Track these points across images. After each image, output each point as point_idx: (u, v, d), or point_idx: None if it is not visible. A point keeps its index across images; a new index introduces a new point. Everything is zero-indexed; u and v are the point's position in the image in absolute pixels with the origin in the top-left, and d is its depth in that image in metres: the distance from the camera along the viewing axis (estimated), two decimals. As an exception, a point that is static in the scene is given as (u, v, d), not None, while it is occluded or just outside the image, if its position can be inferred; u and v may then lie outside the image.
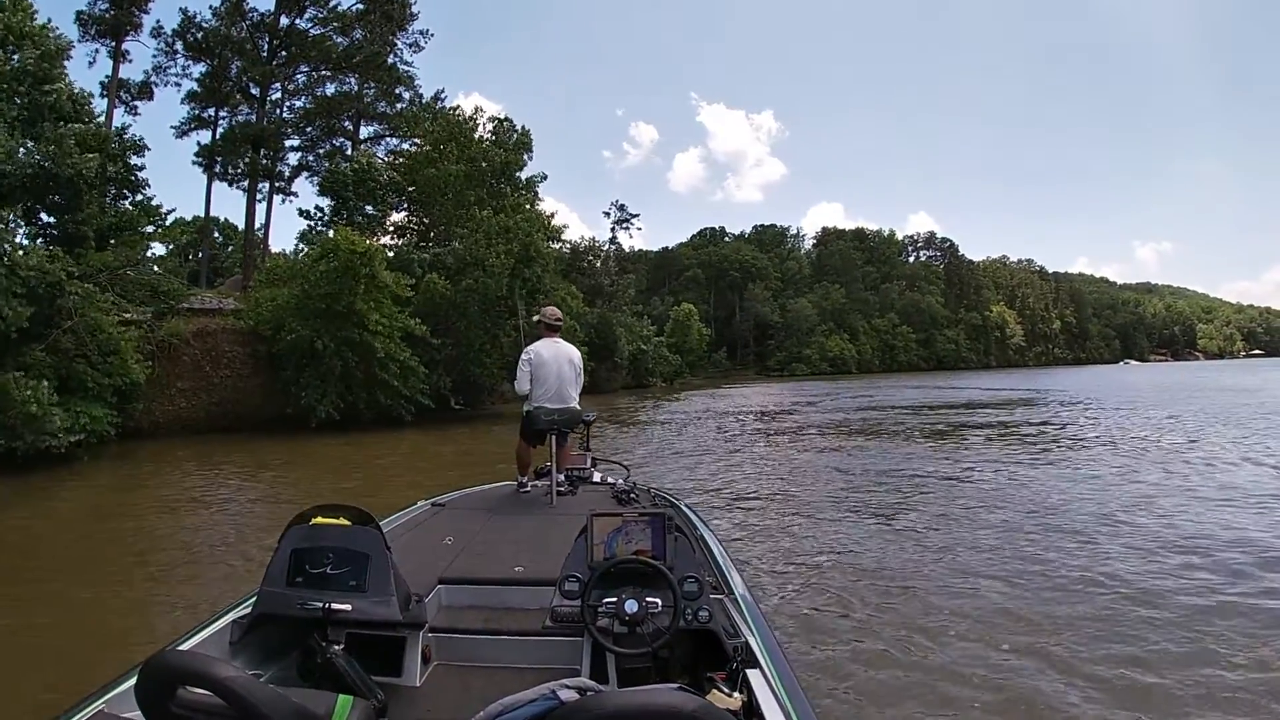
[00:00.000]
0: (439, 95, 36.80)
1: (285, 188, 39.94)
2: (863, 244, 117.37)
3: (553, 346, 5.81)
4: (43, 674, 4.64)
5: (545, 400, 5.64)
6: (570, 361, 5.82)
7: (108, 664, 3.09)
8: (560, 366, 5.74)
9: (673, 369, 64.88)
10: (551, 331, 5.90)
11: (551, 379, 5.69)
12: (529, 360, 5.70)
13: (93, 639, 5.33)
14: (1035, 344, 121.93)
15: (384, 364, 21.57)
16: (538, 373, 5.68)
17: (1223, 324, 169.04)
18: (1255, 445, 14.00)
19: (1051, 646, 4.69)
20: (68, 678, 4.34)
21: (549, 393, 5.67)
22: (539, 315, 6.05)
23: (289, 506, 9.89)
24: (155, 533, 9.02)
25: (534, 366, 5.68)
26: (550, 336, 5.88)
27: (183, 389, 21.31)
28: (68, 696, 1.99)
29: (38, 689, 4.35)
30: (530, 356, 5.71)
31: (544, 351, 5.74)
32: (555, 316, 6.00)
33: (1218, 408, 23.35)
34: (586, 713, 1.25)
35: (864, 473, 12.15)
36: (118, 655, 4.34)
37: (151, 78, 36.59)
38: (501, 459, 15.39)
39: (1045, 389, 39.22)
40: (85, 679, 2.53)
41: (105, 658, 4.59)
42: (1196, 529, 7.65)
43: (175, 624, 5.14)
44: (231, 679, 1.46)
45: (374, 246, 22.53)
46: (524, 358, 5.76)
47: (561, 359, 5.77)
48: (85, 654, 4.93)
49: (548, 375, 5.69)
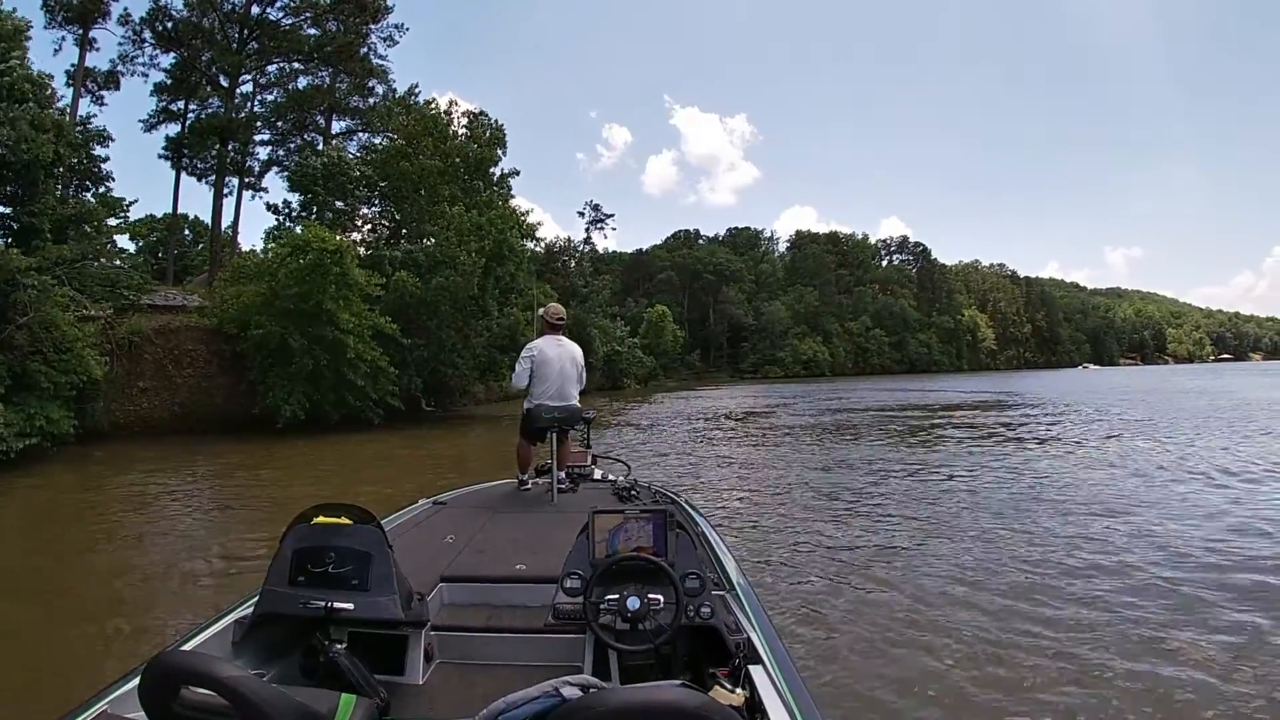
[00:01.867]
0: (413, 90, 36.12)
1: (255, 183, 39.10)
2: (836, 247, 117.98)
3: (556, 344, 5.79)
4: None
5: (546, 398, 5.62)
6: (573, 360, 5.81)
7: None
8: (563, 364, 5.73)
9: (647, 371, 64.72)
10: (554, 329, 5.90)
11: (553, 377, 5.68)
12: (530, 357, 5.70)
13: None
14: (1007, 347, 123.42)
15: (354, 364, 20.98)
16: (539, 370, 5.67)
17: (1192, 328, 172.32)
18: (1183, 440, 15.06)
19: (1016, 628, 5.00)
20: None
21: (550, 390, 5.65)
22: (541, 313, 6.07)
23: (245, 513, 9.69)
24: (98, 547, 8.55)
25: (536, 364, 5.67)
26: (553, 334, 5.87)
27: (144, 389, 20.71)
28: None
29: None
30: (533, 354, 5.71)
31: (547, 349, 5.73)
32: (558, 314, 6.01)
33: (1169, 408, 24.63)
34: (590, 710, 1.23)
35: (834, 468, 12.56)
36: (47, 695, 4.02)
37: (118, 66, 35.53)
38: (476, 462, 15.23)
39: (1011, 391, 40.45)
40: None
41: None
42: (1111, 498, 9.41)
43: (97, 662, 4.78)
44: (234, 678, 1.47)
45: (345, 243, 21.98)
46: (525, 354, 5.76)
47: (564, 357, 5.76)
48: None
49: (549, 373, 5.67)
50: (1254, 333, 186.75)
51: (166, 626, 5.30)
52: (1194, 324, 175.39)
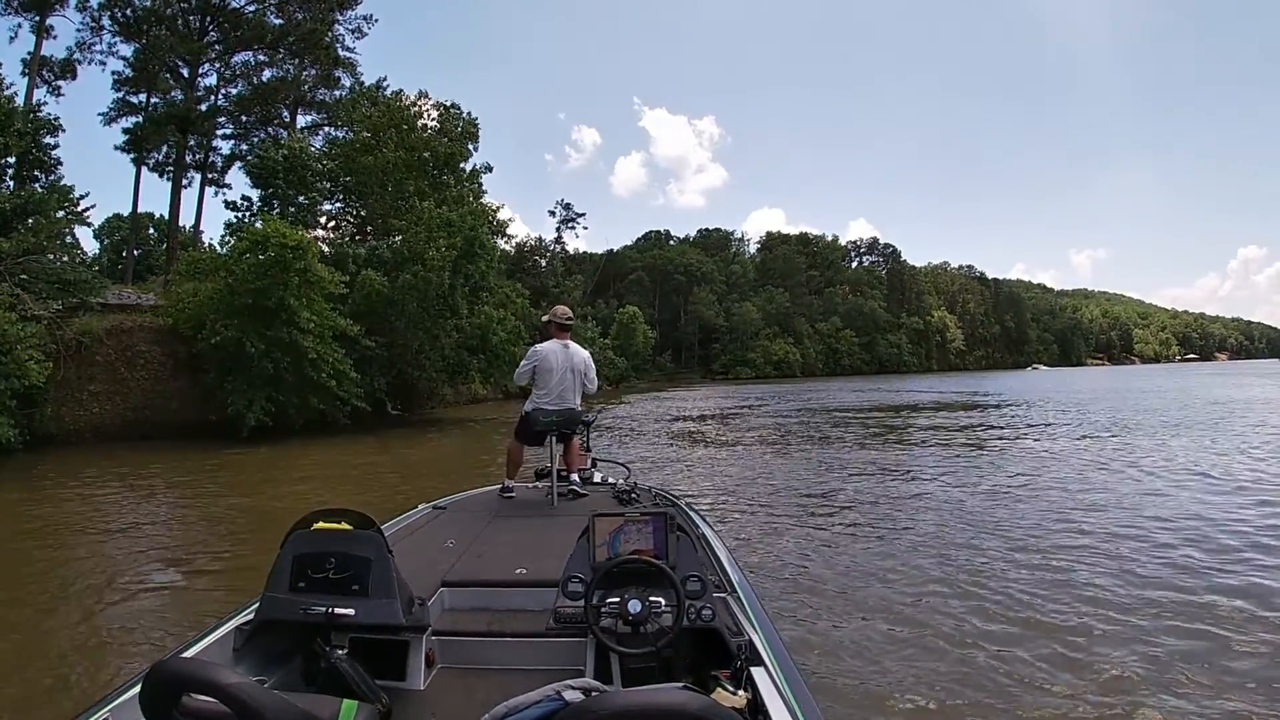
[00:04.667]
0: (381, 83, 35.21)
1: (219, 179, 38.09)
2: (806, 248, 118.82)
3: (563, 350, 5.66)
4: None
5: (545, 401, 5.56)
6: (575, 367, 5.68)
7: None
8: (565, 371, 5.63)
9: (618, 372, 64.14)
10: (562, 331, 5.75)
11: (554, 383, 5.59)
12: (534, 361, 5.62)
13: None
14: (976, 348, 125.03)
15: (316, 365, 19.98)
16: (540, 374, 5.60)
17: (1158, 329, 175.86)
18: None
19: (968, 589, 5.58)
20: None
21: (550, 395, 5.58)
22: (548, 315, 5.85)
23: (198, 533, 8.88)
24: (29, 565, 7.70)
25: (538, 369, 5.60)
26: (560, 336, 5.73)
27: (95, 392, 19.55)
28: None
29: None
30: (537, 358, 5.62)
31: (551, 354, 5.62)
32: (566, 315, 5.83)
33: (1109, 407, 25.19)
34: (592, 713, 1.21)
35: (804, 468, 12.70)
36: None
37: (75, 54, 34.32)
38: (447, 470, 14.50)
39: (976, 390, 41.38)
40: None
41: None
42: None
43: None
44: (235, 685, 1.45)
45: (307, 239, 20.97)
46: (530, 355, 5.69)
47: (569, 363, 5.65)
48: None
49: (550, 379, 5.59)
50: (1220, 333, 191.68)
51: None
52: (1160, 325, 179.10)
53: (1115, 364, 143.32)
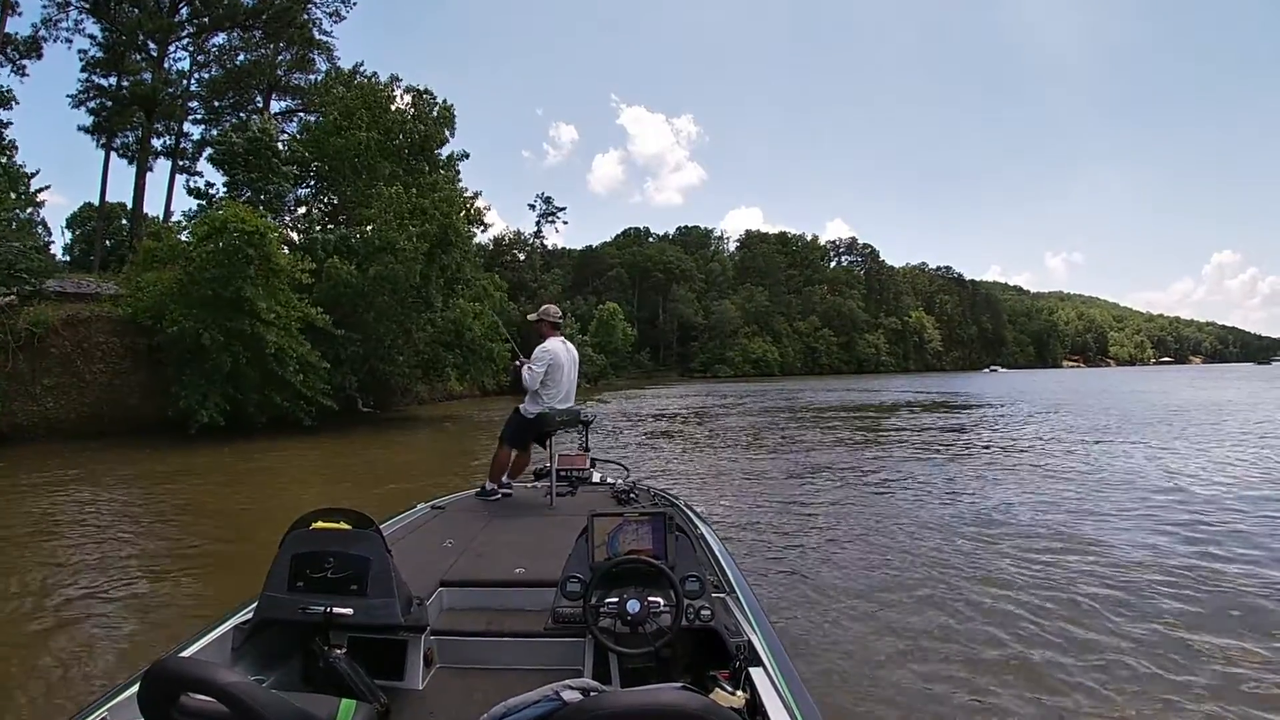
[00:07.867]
0: (358, 67, 34.14)
1: (190, 166, 36.88)
2: (785, 248, 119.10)
3: (567, 349, 5.63)
4: None
5: (555, 401, 5.49)
6: (576, 363, 5.72)
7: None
8: (571, 369, 5.63)
9: (597, 369, 63.56)
10: (555, 330, 5.67)
11: (565, 381, 5.55)
12: (548, 361, 5.43)
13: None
14: (953, 349, 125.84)
15: (280, 359, 18.99)
16: (553, 374, 5.47)
17: (1133, 332, 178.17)
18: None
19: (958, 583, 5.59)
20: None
21: (560, 394, 5.52)
22: (538, 314, 5.73)
23: (146, 541, 8.03)
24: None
25: (551, 368, 5.44)
26: (555, 335, 5.64)
27: (49, 387, 18.44)
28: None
29: None
30: (550, 358, 5.45)
31: (560, 353, 5.53)
32: (557, 314, 5.75)
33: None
34: (590, 713, 1.22)
35: (782, 466, 12.64)
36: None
37: (40, 31, 32.85)
38: (424, 472, 13.73)
39: (948, 390, 42.59)
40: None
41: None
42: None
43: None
44: (234, 685, 1.44)
45: (267, 224, 19.91)
46: (542, 355, 5.47)
47: (573, 360, 5.66)
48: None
49: (561, 377, 5.52)
50: (1194, 337, 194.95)
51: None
52: (1135, 328, 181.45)
53: (1091, 366, 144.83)
